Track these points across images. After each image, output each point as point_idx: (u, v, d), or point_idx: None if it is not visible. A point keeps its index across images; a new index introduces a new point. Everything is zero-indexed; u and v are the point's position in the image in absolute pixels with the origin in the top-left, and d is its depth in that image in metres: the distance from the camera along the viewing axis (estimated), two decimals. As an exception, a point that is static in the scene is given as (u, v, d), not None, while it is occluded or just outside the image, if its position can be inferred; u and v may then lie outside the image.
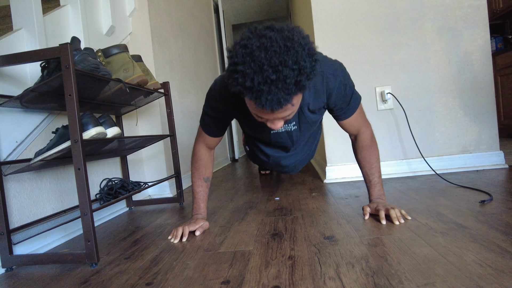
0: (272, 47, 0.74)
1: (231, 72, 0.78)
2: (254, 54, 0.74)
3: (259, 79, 0.74)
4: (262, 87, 0.75)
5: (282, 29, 0.78)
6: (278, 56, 0.74)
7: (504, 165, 1.84)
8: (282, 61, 0.74)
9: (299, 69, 0.75)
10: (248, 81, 0.75)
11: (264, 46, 0.74)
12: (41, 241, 1.18)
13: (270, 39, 0.75)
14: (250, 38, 0.77)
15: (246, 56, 0.75)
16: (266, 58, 0.74)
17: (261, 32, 0.77)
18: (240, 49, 0.77)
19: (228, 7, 5.07)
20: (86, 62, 1.07)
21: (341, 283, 0.71)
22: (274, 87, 0.75)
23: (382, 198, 1.18)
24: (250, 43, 0.76)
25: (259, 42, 0.75)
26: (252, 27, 0.80)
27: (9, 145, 1.10)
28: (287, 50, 0.75)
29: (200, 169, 1.22)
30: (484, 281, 0.65)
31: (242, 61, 0.76)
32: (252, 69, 0.74)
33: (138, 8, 1.96)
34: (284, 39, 0.76)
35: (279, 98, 0.76)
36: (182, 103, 2.46)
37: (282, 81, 0.74)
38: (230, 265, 0.87)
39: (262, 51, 0.74)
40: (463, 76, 1.88)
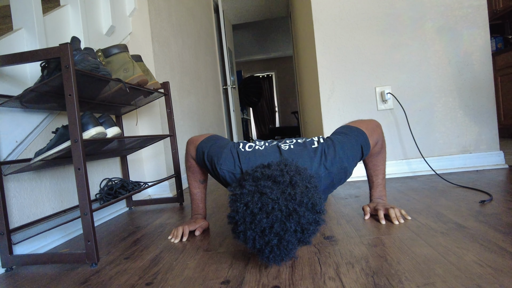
0: (274, 210, 0.73)
1: (234, 226, 0.79)
2: (255, 217, 0.74)
3: (261, 242, 0.74)
4: (264, 248, 0.75)
5: (284, 181, 0.77)
6: (280, 223, 0.73)
7: (504, 165, 1.84)
8: (284, 228, 0.73)
9: (302, 231, 0.75)
10: (249, 242, 0.76)
11: (265, 210, 0.74)
12: (41, 241, 1.18)
13: (272, 201, 0.74)
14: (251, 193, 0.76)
15: (247, 217, 0.75)
16: (267, 222, 0.73)
17: (263, 188, 0.76)
18: (241, 206, 0.76)
19: (228, 7, 5.07)
20: (86, 62, 1.07)
21: (341, 283, 0.71)
22: (276, 248, 0.74)
23: (383, 198, 1.18)
24: (251, 202, 0.75)
25: (261, 202, 0.74)
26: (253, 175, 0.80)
27: (9, 145, 1.10)
28: (289, 214, 0.74)
29: (195, 174, 1.21)
30: (484, 281, 0.65)
31: (242, 220, 0.76)
32: (253, 231, 0.74)
33: (138, 8, 1.96)
34: (286, 199, 0.75)
35: (282, 257, 0.76)
36: (182, 103, 2.46)
37: (285, 245, 0.74)
38: (230, 265, 0.87)
39: (263, 214, 0.73)
40: (463, 76, 1.87)
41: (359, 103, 1.95)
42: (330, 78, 1.96)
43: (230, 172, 1.00)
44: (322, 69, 1.97)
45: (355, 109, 1.95)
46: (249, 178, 0.80)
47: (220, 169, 1.01)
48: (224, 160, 1.01)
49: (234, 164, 1.00)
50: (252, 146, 1.03)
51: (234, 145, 1.05)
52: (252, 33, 7.00)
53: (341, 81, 1.95)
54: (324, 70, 1.97)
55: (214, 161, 1.03)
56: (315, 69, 2.06)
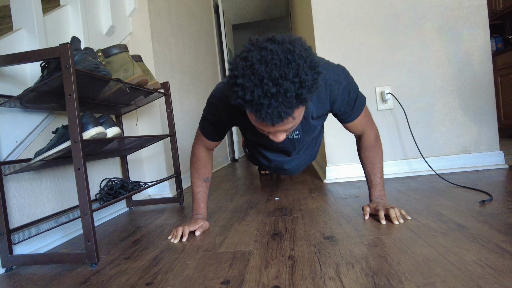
0: (273, 60, 0.73)
1: (231, 85, 0.78)
2: (254, 67, 0.73)
3: (259, 92, 0.73)
4: (262, 100, 0.74)
5: (283, 40, 0.77)
6: (279, 69, 0.73)
7: (504, 165, 1.84)
8: (282, 74, 0.73)
9: (300, 82, 0.74)
10: (248, 95, 0.74)
11: (264, 59, 0.73)
12: (41, 241, 1.18)
13: (271, 52, 0.74)
14: (251, 50, 0.76)
15: (246, 69, 0.74)
16: (266, 71, 0.73)
17: (262, 44, 0.76)
18: (241, 62, 0.76)
19: (228, 7, 5.07)
20: (86, 62, 1.07)
21: (341, 283, 0.71)
22: (274, 100, 0.74)
23: (382, 198, 1.18)
24: (250, 55, 0.75)
25: (260, 54, 0.74)
26: (253, 39, 0.79)
27: (9, 145, 1.10)
28: (287, 63, 0.73)
29: (200, 170, 1.22)
30: (484, 281, 0.65)
31: (242, 74, 0.75)
32: (252, 82, 0.73)
33: (138, 8, 1.96)
34: (285, 51, 0.74)
35: (280, 112, 0.75)
36: (182, 103, 2.46)
37: (283, 94, 0.73)
38: (230, 265, 0.87)
39: (262, 64, 0.73)
40: (463, 76, 1.88)
41: (359, 103, 1.95)
42: (330, 78, 1.96)
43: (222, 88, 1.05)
44: (322, 69, 1.97)
45: (355, 109, 1.95)
46: (248, 42, 0.80)
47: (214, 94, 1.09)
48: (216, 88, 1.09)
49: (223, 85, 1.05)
50: None
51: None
52: (252, 33, 6.98)
53: (341, 81, 1.95)
54: (324, 70, 1.97)
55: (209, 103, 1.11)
56: (315, 69, 2.06)
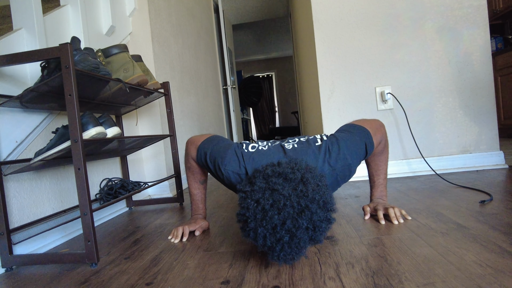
0: (286, 207, 0.72)
1: (243, 222, 0.78)
2: (267, 213, 0.72)
3: (272, 239, 0.73)
4: (274, 245, 0.74)
5: (295, 178, 0.76)
6: (292, 219, 0.72)
7: (504, 165, 1.84)
8: (295, 225, 0.72)
9: (313, 228, 0.74)
10: (260, 240, 0.74)
11: (277, 206, 0.72)
12: (41, 241, 1.18)
13: (284, 197, 0.73)
14: (262, 189, 0.75)
15: (258, 213, 0.74)
16: (279, 219, 0.72)
17: (274, 185, 0.75)
18: (252, 203, 0.75)
19: (228, 7, 5.07)
20: (86, 62, 1.07)
21: (341, 283, 0.71)
22: (287, 246, 0.73)
23: (383, 198, 1.18)
24: (262, 198, 0.74)
25: (272, 199, 0.73)
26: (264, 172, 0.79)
27: (9, 145, 1.10)
28: (301, 210, 0.73)
29: (195, 174, 1.21)
30: (484, 281, 0.65)
31: (253, 217, 0.74)
32: (264, 228, 0.73)
33: (138, 8, 1.96)
34: (298, 195, 0.74)
35: (293, 256, 0.75)
36: (182, 103, 2.46)
37: (296, 242, 0.73)
38: (230, 265, 0.87)
39: (275, 211, 0.72)
40: (463, 76, 1.88)
41: (359, 103, 1.95)
42: (330, 78, 1.96)
43: (235, 173, 1.00)
44: (322, 69, 1.97)
45: (355, 109, 1.95)
46: (260, 176, 0.79)
47: (225, 169, 1.01)
48: (229, 161, 1.00)
49: (239, 164, 0.99)
50: (255, 147, 1.03)
51: (238, 145, 1.04)
52: (252, 33, 7.00)
53: (341, 81, 1.95)
54: (324, 70, 1.97)
55: (217, 162, 1.03)
56: (315, 69, 2.06)
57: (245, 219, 0.76)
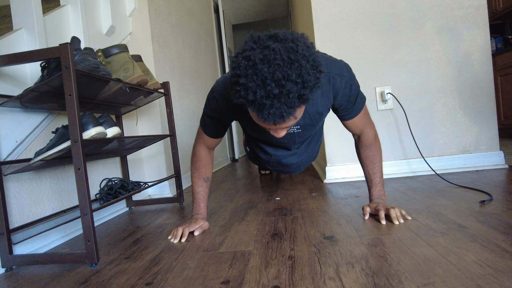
0: (275, 60, 0.72)
1: (234, 84, 0.77)
2: (257, 67, 0.73)
3: (262, 93, 0.73)
4: (264, 101, 0.74)
5: (286, 39, 0.76)
6: (281, 70, 0.72)
7: (504, 165, 1.84)
8: (285, 75, 0.72)
9: (302, 83, 0.74)
10: (250, 95, 0.74)
11: (267, 59, 0.73)
12: (41, 241, 1.18)
13: (273, 51, 0.73)
14: (253, 49, 0.76)
15: (249, 69, 0.74)
16: (269, 71, 0.72)
17: (264, 43, 0.76)
18: (243, 61, 0.75)
19: (228, 7, 5.07)
20: (86, 62, 1.07)
21: (341, 283, 0.71)
22: (277, 101, 0.74)
23: (382, 198, 1.18)
24: (252, 54, 0.74)
25: (262, 54, 0.74)
26: (255, 36, 0.79)
27: (9, 145, 1.10)
28: (290, 63, 0.73)
29: (200, 169, 1.22)
30: (484, 281, 0.65)
31: (244, 73, 0.74)
32: (254, 82, 0.73)
33: (138, 8, 1.96)
34: (288, 50, 0.74)
35: (282, 112, 0.75)
36: (182, 103, 2.46)
37: (285, 95, 0.73)
38: (230, 265, 0.87)
39: (265, 64, 0.73)
40: (463, 76, 1.88)
41: (359, 103, 1.95)
42: (330, 78, 1.96)
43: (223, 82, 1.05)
44: (322, 69, 1.97)
45: (355, 109, 1.95)
46: (250, 39, 0.79)
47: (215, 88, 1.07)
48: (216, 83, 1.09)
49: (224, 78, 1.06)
50: None
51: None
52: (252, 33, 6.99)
53: (341, 81, 1.95)
54: (324, 70, 1.97)
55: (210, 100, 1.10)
56: (315, 69, 2.06)
57: (237, 79, 0.76)
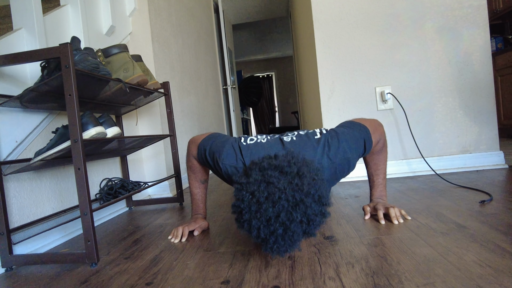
0: (280, 200, 0.72)
1: (237, 213, 0.78)
2: (261, 206, 0.73)
3: (266, 231, 0.73)
4: (268, 237, 0.74)
5: (291, 172, 0.76)
6: (286, 212, 0.72)
7: (504, 165, 1.84)
8: (290, 218, 0.72)
9: (307, 222, 0.74)
10: (254, 231, 0.75)
11: (271, 198, 0.72)
12: (41, 241, 1.18)
13: (279, 190, 0.73)
14: (257, 182, 0.75)
15: (253, 205, 0.74)
16: (273, 212, 0.72)
17: (270, 177, 0.75)
18: (247, 195, 0.75)
19: (228, 7, 5.07)
20: (86, 62, 1.07)
21: (341, 283, 0.71)
22: (281, 238, 0.74)
23: (383, 198, 1.18)
24: (257, 190, 0.74)
25: (267, 191, 0.73)
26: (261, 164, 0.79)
27: (9, 144, 1.10)
28: (295, 204, 0.73)
29: (196, 173, 1.21)
30: (484, 281, 0.65)
31: (248, 209, 0.74)
32: (258, 220, 0.73)
33: (138, 8, 1.96)
34: (293, 189, 0.73)
35: (286, 249, 0.75)
36: (182, 103, 2.46)
37: (290, 235, 0.73)
38: (230, 265, 0.87)
39: (269, 203, 0.72)
40: (463, 76, 1.88)
41: (359, 103, 1.95)
42: (330, 78, 1.96)
43: (232, 167, 1.00)
44: (322, 69, 1.97)
45: (355, 109, 1.95)
46: (256, 168, 0.79)
47: (223, 164, 1.01)
48: (226, 155, 1.01)
49: (236, 158, 0.99)
50: (254, 139, 1.03)
51: (236, 139, 1.04)
52: (252, 33, 7.00)
53: (341, 81, 1.95)
54: (324, 70, 1.97)
55: (216, 157, 1.03)
56: (315, 69, 2.06)
57: (240, 210, 0.76)
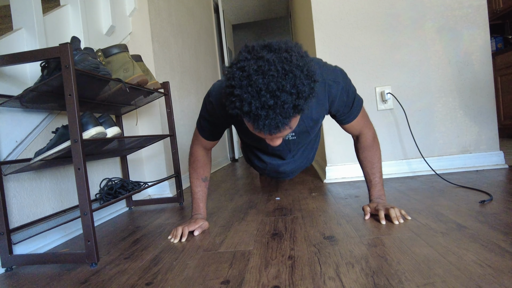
0: (270, 70, 0.73)
1: (228, 94, 0.78)
2: (252, 78, 0.73)
3: (257, 104, 0.73)
4: (259, 112, 0.74)
5: (279, 48, 0.77)
6: (276, 81, 0.73)
7: (504, 165, 1.84)
8: (279, 87, 0.73)
9: (297, 93, 0.74)
10: (245, 106, 0.75)
11: (261, 70, 0.73)
12: (41, 241, 1.18)
13: (268, 62, 0.74)
14: (247, 59, 0.76)
15: (243, 80, 0.74)
16: (263, 82, 0.73)
17: (259, 53, 0.76)
18: (237, 72, 0.75)
19: (228, 7, 5.07)
20: (86, 62, 1.07)
21: (341, 283, 0.71)
22: (272, 112, 0.74)
23: (382, 198, 1.18)
24: (247, 65, 0.75)
25: (257, 65, 0.74)
26: (250, 46, 0.79)
27: (9, 144, 1.10)
28: (284, 74, 0.73)
29: (198, 170, 1.22)
30: (484, 281, 0.65)
31: (239, 84, 0.75)
32: (249, 93, 0.74)
33: (138, 8, 1.96)
34: (282, 61, 0.74)
35: (277, 123, 0.75)
36: (182, 103, 2.46)
37: (280, 106, 0.74)
38: (230, 265, 0.87)
39: (259, 75, 0.73)
40: (463, 76, 1.88)
41: (359, 103, 1.95)
42: (330, 78, 1.96)
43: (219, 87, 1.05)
44: (322, 69, 1.97)
45: (355, 109, 1.95)
46: (245, 50, 0.79)
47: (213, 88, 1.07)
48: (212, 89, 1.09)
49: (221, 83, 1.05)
50: None
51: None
52: (252, 33, 6.99)
53: (341, 81, 1.95)
54: (324, 70, 1.97)
55: (206, 104, 1.11)
56: (315, 69, 2.06)
57: (231, 89, 0.76)
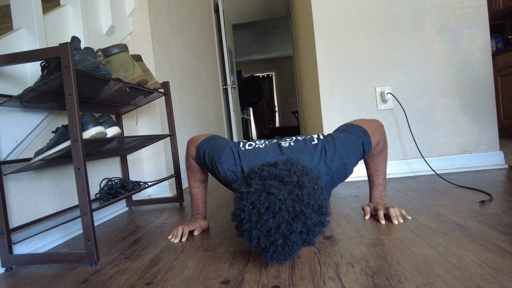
0: (281, 211, 0.72)
1: (239, 224, 0.78)
2: (262, 217, 0.73)
3: (266, 242, 0.74)
4: (268, 248, 0.74)
5: (291, 181, 0.76)
6: (287, 223, 0.73)
7: (504, 165, 1.84)
8: (290, 229, 0.73)
9: (307, 232, 0.75)
10: (254, 241, 0.75)
11: (272, 209, 0.73)
12: (40, 240, 1.18)
13: (279, 202, 0.73)
14: (258, 192, 0.75)
15: (253, 216, 0.74)
16: (274, 223, 0.72)
17: (270, 188, 0.75)
18: (248, 205, 0.75)
19: (228, 7, 5.06)
20: (86, 62, 1.07)
21: (341, 283, 0.71)
22: (281, 249, 0.74)
23: (382, 198, 1.18)
24: (258, 201, 0.74)
25: (268, 202, 0.73)
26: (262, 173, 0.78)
27: (9, 144, 1.10)
28: (296, 215, 0.73)
29: (195, 173, 1.21)
30: (484, 281, 0.65)
31: (248, 219, 0.75)
32: (259, 230, 0.74)
33: (138, 8, 1.96)
34: (293, 199, 0.74)
35: (286, 257, 0.76)
36: (182, 103, 2.46)
37: (289, 246, 0.74)
38: (230, 265, 0.87)
39: (270, 215, 0.73)
40: (463, 76, 1.88)
41: (359, 103, 1.95)
42: (330, 78, 1.96)
43: (231, 171, 1.00)
44: (322, 69, 1.97)
45: (355, 109, 1.95)
46: (256, 177, 0.79)
47: (221, 168, 1.01)
48: (225, 159, 1.01)
49: (234, 162, 1.00)
50: (252, 145, 1.04)
51: (235, 144, 1.05)
52: (252, 33, 7.00)
53: (341, 81, 1.95)
54: (324, 70, 1.97)
55: (214, 160, 1.03)
56: (315, 69, 2.06)
57: (240, 219, 0.77)
